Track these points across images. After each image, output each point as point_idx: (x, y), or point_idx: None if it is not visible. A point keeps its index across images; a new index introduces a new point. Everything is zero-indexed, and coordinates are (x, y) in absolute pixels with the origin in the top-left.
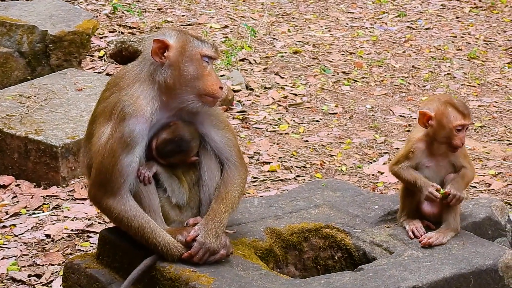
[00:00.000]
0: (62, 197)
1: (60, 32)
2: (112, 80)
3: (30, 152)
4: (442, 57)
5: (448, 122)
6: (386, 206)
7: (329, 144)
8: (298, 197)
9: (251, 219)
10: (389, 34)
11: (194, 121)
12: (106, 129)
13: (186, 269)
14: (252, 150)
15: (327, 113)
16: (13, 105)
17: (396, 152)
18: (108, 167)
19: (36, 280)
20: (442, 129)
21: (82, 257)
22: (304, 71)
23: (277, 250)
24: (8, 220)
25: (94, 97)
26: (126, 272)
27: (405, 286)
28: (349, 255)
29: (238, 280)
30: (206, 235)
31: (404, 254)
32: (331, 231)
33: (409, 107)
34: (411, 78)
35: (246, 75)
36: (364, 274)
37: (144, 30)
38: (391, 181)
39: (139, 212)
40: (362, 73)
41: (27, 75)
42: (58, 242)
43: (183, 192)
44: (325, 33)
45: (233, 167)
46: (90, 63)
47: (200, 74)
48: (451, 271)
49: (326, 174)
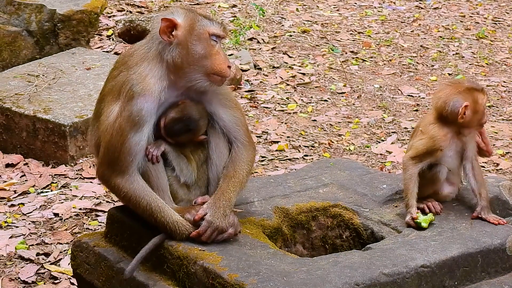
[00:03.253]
0: (71, 176)
1: (69, 11)
2: (121, 59)
3: (38, 131)
4: (450, 36)
5: (480, 106)
6: (394, 186)
7: (337, 123)
8: (306, 176)
9: (259, 198)
10: (397, 14)
11: (202, 100)
12: (115, 108)
13: (194, 247)
14: (260, 129)
15: (335, 93)
16: (21, 84)
17: (405, 133)
18: (117, 146)
19: (45, 258)
20: (476, 114)
21: (90, 235)
22: (312, 50)
23: (285, 229)
24: (16, 199)
25: (103, 76)
26: (134, 250)
27: (413, 265)
28: (357, 234)
29: (246, 258)
30: (214, 213)
31: (412, 233)
32: (339, 210)
33: (417, 87)
34: (420, 57)
35: (254, 54)
36: (372, 253)
37: (152, 9)
38: (399, 161)
39: (147, 191)
40: (371, 52)
41: (35, 54)
42: (66, 221)
43: (191, 171)
44: (334, 13)
45: (241, 146)
46: (98, 42)
47: (208, 53)
48: (459, 250)
49: (334, 153)
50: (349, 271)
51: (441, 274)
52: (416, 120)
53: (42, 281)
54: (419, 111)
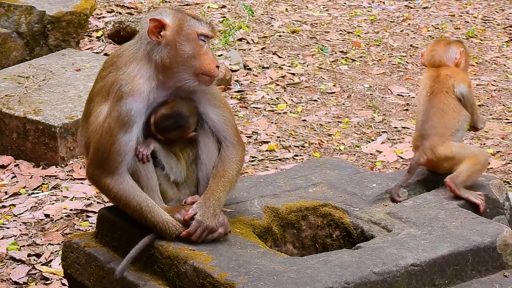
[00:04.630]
0: (61, 177)
1: (58, 13)
2: (109, 60)
3: (28, 132)
4: (440, 36)
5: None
6: (384, 185)
7: (327, 123)
8: (296, 175)
9: (249, 197)
10: (387, 13)
11: (191, 99)
12: (104, 108)
13: (184, 247)
14: (250, 129)
15: (325, 93)
16: (11, 85)
17: (395, 132)
18: (106, 146)
19: (36, 259)
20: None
21: (81, 236)
22: (302, 50)
23: (275, 229)
24: (7, 200)
25: (92, 77)
26: (124, 250)
27: (403, 264)
28: (347, 233)
29: (236, 258)
30: (204, 213)
31: (402, 232)
32: (329, 209)
33: (407, 86)
34: (409, 57)
35: (244, 54)
36: (362, 252)
37: (142, 10)
38: (389, 160)
39: (137, 191)
40: (360, 52)
41: (25, 55)
42: (57, 221)
43: (180, 169)
44: (323, 13)
45: (230, 145)
46: (88, 44)
47: (197, 53)
48: (449, 248)
49: (324, 153)
50: (339, 270)
51: (432, 273)
52: (406, 119)
53: (34, 282)
54: (409, 111)
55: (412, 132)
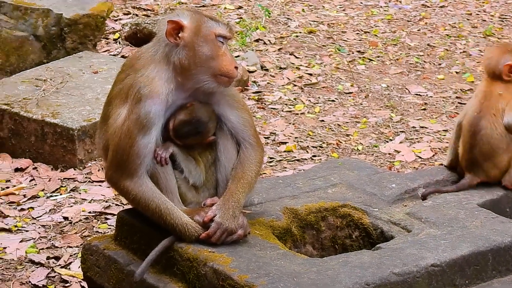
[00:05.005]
0: (79, 180)
1: (75, 15)
2: (128, 62)
3: (47, 135)
4: (457, 34)
5: None
6: (403, 185)
7: (345, 123)
8: (314, 176)
9: (268, 198)
10: (403, 13)
11: (210, 101)
12: (122, 111)
13: (204, 249)
14: (268, 130)
15: (343, 93)
16: (29, 88)
17: (413, 132)
18: (125, 149)
19: (55, 262)
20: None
21: (100, 238)
22: (319, 50)
23: (295, 230)
24: (26, 203)
25: (110, 79)
26: (144, 253)
27: (423, 265)
28: (366, 234)
29: (256, 260)
30: (224, 215)
31: (422, 233)
32: (348, 210)
33: (425, 85)
34: (427, 56)
35: (261, 55)
36: (381, 253)
37: (158, 12)
38: (408, 160)
39: (156, 193)
40: (377, 52)
41: (42, 58)
42: (76, 224)
43: (199, 173)
44: (340, 12)
45: (249, 147)
46: (105, 46)
47: (215, 54)
48: (469, 248)
49: (342, 153)
50: (359, 271)
51: (452, 273)
52: (424, 119)
53: (53, 284)
54: (427, 110)
55: (430, 132)
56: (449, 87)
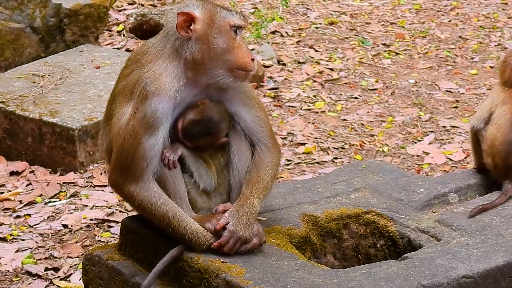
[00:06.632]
0: (80, 184)
1: (75, 5)
2: (133, 57)
3: (45, 136)
4: (491, 26)
5: None
6: (432, 189)
7: (369, 122)
8: (336, 180)
9: (285, 204)
10: (433, 2)
11: (222, 99)
12: (127, 109)
13: (215, 259)
14: (285, 130)
15: (367, 89)
16: (25, 85)
17: (443, 132)
18: (130, 150)
19: (54, 274)
20: None
21: (103, 248)
22: (340, 43)
23: (314, 238)
24: (22, 210)
25: (113, 75)
26: (150, 263)
27: (454, 276)
28: (392, 243)
29: (272, 271)
30: (237, 222)
31: (453, 241)
32: (372, 217)
33: (456, 81)
34: (458, 49)
35: (277, 48)
36: (409, 263)
37: (166, 1)
38: (437, 162)
39: (164, 199)
40: (405, 45)
41: (40, 52)
42: (76, 232)
43: (211, 177)
44: (363, 2)
45: (265, 148)
46: (108, 39)
47: (230, 46)
48: (504, 258)
49: (366, 155)
50: (384, 283)
51: (485, 285)
52: (455, 118)
53: None
54: (459, 108)
55: (462, 132)
56: (483, 83)
